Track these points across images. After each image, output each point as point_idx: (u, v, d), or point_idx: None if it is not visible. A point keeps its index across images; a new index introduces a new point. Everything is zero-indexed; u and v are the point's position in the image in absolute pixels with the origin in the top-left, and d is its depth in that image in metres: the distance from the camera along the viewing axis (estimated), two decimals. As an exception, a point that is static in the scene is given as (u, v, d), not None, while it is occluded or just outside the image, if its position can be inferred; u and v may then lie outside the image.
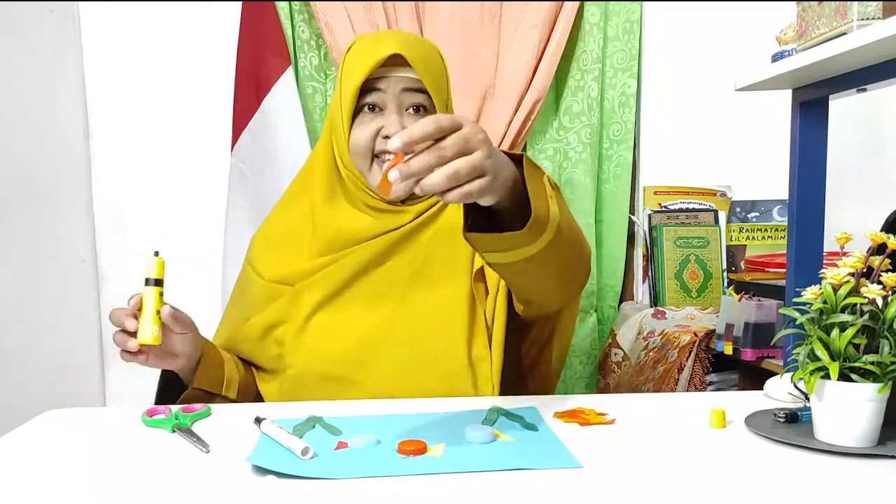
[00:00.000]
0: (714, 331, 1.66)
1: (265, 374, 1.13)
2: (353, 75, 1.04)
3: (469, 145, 0.70)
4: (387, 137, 1.04)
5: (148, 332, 0.91)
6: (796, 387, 0.85)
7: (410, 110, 1.07)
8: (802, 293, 0.81)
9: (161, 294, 0.93)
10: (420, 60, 1.04)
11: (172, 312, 0.95)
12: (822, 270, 0.80)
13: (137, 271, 2.00)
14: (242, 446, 0.80)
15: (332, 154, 1.11)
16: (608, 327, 2.03)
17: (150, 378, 2.03)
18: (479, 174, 0.71)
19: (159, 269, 0.92)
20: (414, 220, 1.09)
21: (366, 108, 1.06)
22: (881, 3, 1.01)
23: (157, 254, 0.93)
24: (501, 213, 0.81)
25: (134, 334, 0.92)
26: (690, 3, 2.07)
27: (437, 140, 0.69)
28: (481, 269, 1.08)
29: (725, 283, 2.02)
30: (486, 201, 0.75)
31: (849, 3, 1.03)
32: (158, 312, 0.92)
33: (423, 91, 1.06)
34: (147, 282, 0.92)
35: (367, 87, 1.04)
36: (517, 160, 0.80)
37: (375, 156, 1.06)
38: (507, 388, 1.06)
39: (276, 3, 1.91)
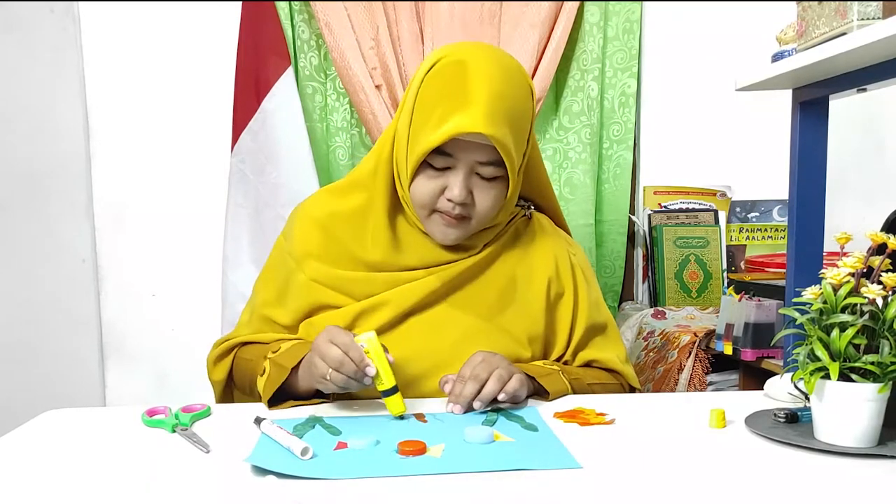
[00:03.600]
0: (714, 331, 1.66)
1: None
2: (429, 128, 0.96)
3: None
4: (450, 200, 1.00)
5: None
6: (796, 387, 0.85)
7: (478, 175, 1.01)
8: (802, 293, 0.81)
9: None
10: (507, 131, 0.96)
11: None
12: (822, 270, 0.80)
13: (137, 271, 2.03)
14: (242, 446, 0.80)
15: (393, 171, 1.05)
16: (608, 327, 2.03)
17: (150, 378, 2.04)
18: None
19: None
20: (480, 251, 1.08)
21: (432, 165, 1.00)
22: (881, 3, 1.01)
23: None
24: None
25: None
26: (690, 3, 2.07)
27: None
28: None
29: (725, 283, 2.02)
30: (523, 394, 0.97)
31: (849, 3, 1.03)
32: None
33: (499, 161, 0.99)
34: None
35: (438, 148, 0.97)
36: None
37: (435, 209, 1.02)
38: None
39: (276, 3, 1.91)
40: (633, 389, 1.15)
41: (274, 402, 0.97)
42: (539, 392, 1.01)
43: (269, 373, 0.99)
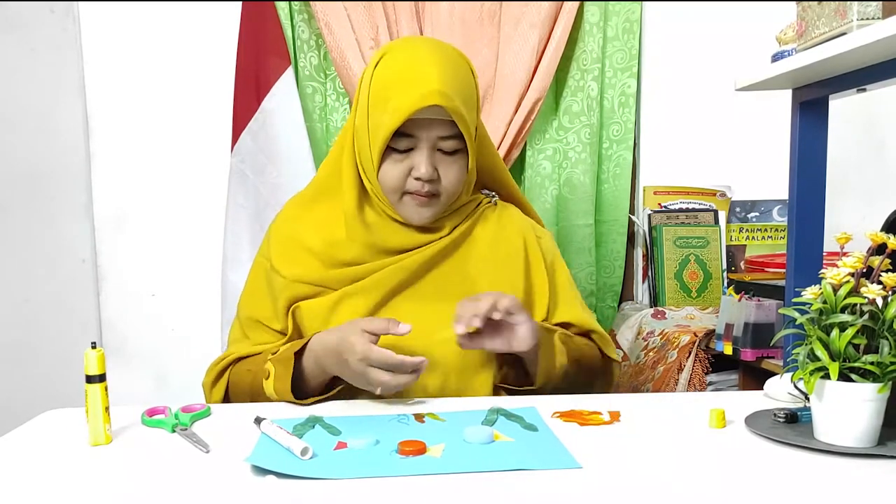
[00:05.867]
0: (714, 331, 1.66)
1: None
2: (387, 114, 1.00)
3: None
4: (418, 179, 1.03)
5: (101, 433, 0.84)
6: (796, 387, 0.85)
7: (441, 151, 1.05)
8: (802, 293, 0.81)
9: (105, 388, 0.85)
10: (459, 103, 1.01)
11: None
12: (822, 270, 0.80)
13: (137, 271, 2.02)
14: (242, 446, 0.80)
15: (357, 168, 1.09)
16: (608, 327, 2.03)
17: (149, 378, 2.04)
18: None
19: (100, 364, 0.84)
20: (450, 233, 1.10)
21: (396, 148, 1.03)
22: (881, 3, 1.01)
23: (94, 346, 0.85)
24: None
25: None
26: (690, 3, 2.07)
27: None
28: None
29: (725, 283, 2.01)
30: (525, 345, 0.99)
31: (849, 3, 1.03)
32: (107, 409, 0.84)
33: (457, 135, 1.04)
34: (90, 379, 0.84)
35: (399, 130, 1.01)
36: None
37: (405, 191, 1.05)
38: None
39: (276, 3, 1.91)
40: (608, 363, 1.17)
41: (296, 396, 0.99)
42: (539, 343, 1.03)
43: (274, 373, 1.00)
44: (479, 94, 1.11)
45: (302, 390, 1.01)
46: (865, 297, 0.76)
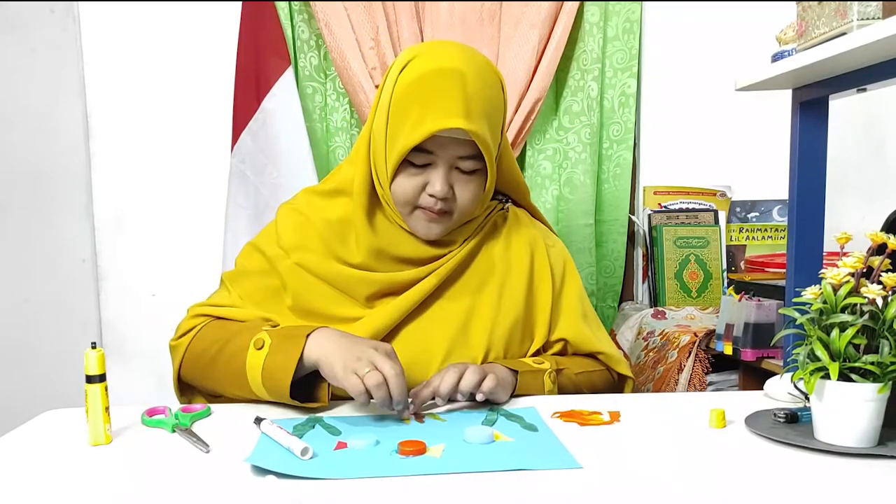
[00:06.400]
0: (714, 331, 1.66)
1: None
2: (408, 127, 0.97)
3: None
4: (432, 196, 1.01)
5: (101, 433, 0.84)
6: (796, 387, 0.85)
7: (458, 170, 1.02)
8: (802, 293, 0.81)
9: (105, 388, 0.85)
10: (484, 125, 0.98)
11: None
12: (822, 270, 0.80)
13: (137, 271, 2.02)
14: (242, 446, 0.80)
15: (371, 172, 1.06)
16: (608, 327, 2.03)
17: (150, 378, 2.04)
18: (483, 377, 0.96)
19: (100, 364, 0.84)
20: (461, 245, 1.09)
21: (412, 162, 1.01)
22: (881, 3, 1.01)
23: (94, 346, 0.85)
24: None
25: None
26: (690, 3, 2.07)
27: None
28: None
29: (725, 283, 2.01)
30: (502, 396, 0.99)
31: (849, 3, 1.03)
32: (107, 409, 0.84)
33: (477, 155, 1.01)
34: (90, 379, 0.84)
35: (418, 146, 0.98)
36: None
37: (417, 206, 1.03)
38: None
39: (276, 3, 1.91)
40: (621, 378, 1.16)
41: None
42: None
43: (270, 346, 0.93)
44: (507, 104, 1.08)
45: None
46: (865, 297, 0.76)
